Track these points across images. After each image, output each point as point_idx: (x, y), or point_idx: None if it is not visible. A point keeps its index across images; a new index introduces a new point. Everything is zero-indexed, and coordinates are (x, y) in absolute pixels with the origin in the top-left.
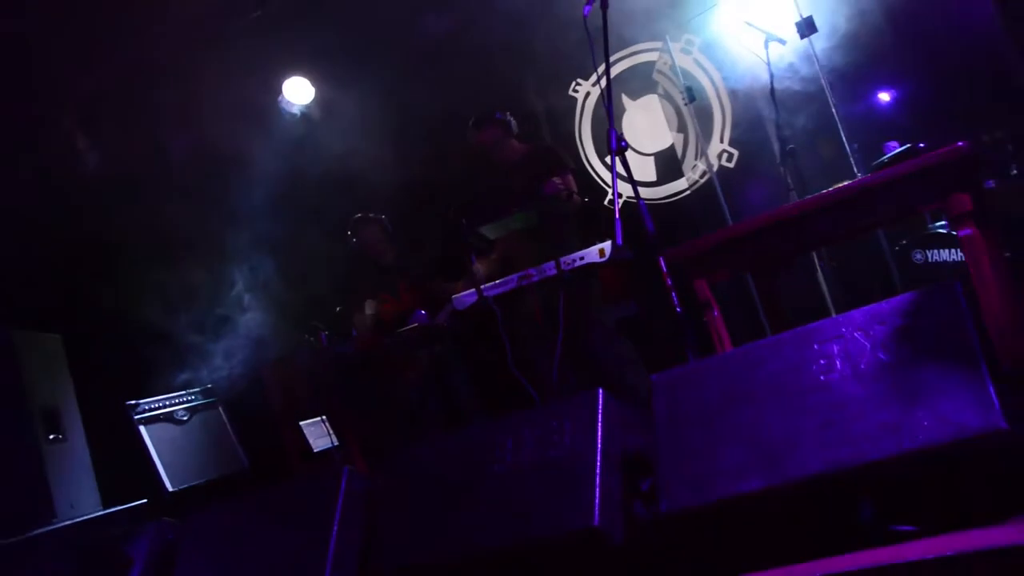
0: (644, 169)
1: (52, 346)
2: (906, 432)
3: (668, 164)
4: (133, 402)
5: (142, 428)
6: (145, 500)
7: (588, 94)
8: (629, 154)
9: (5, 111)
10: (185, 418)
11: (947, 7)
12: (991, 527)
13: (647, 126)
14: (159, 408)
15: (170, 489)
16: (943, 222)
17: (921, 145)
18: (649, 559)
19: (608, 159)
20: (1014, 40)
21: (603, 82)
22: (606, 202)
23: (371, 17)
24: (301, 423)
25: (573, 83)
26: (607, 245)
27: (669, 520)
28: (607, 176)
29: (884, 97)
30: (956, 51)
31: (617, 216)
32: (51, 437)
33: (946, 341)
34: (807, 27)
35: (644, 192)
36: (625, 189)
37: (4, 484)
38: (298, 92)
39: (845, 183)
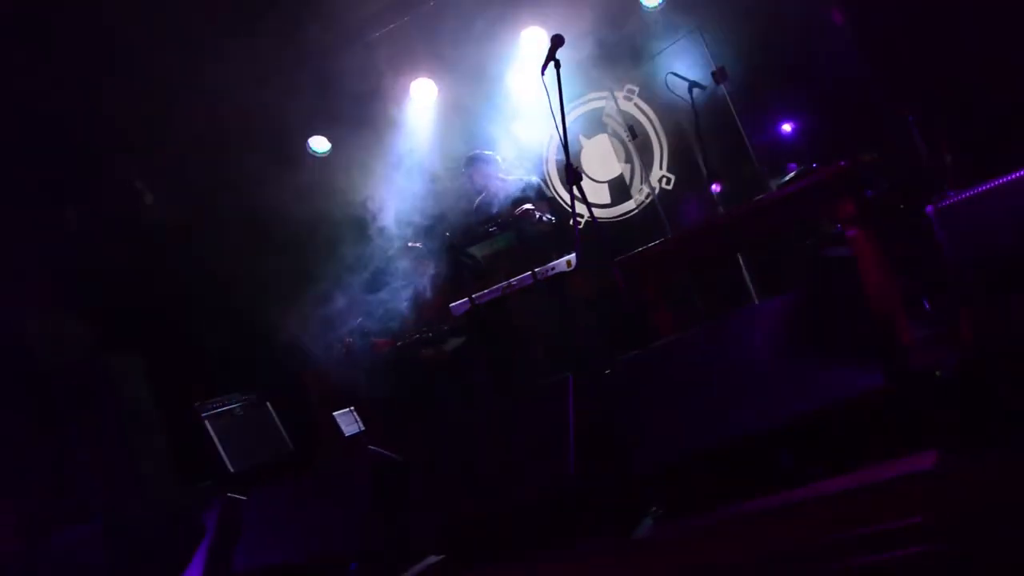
0: (599, 194)
1: (135, 366)
2: (811, 394)
3: (619, 189)
4: (199, 403)
5: (207, 422)
6: (211, 481)
7: (551, 136)
8: (586, 184)
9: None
10: (240, 413)
11: (824, 55)
12: (882, 464)
13: (600, 159)
14: (219, 407)
15: (231, 471)
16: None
17: (815, 165)
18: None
19: (570, 187)
20: (873, 75)
21: (560, 127)
22: (570, 222)
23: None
24: (334, 413)
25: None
26: (572, 257)
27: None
28: (567, 199)
29: (787, 128)
30: (833, 88)
31: (577, 233)
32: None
33: (839, 321)
34: (720, 75)
35: (600, 212)
36: (585, 212)
37: (96, 473)
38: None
39: (759, 197)
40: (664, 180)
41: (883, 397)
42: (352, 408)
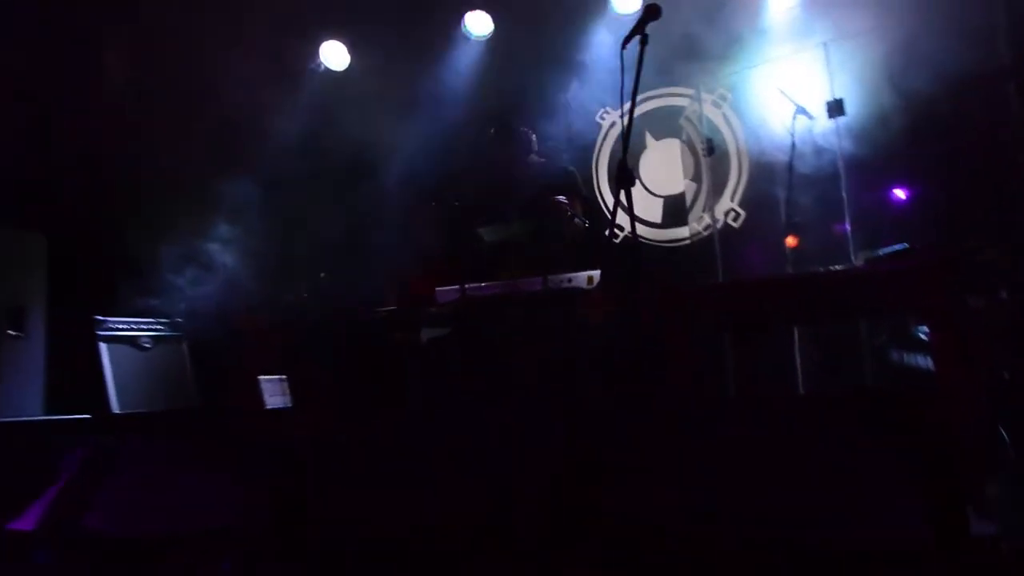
0: (651, 209)
1: (34, 245)
2: (828, 523)
3: (675, 210)
4: (101, 318)
5: (102, 345)
6: (89, 416)
7: (613, 124)
8: (638, 193)
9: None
10: (148, 346)
11: (971, 117)
12: None
13: (663, 168)
14: (124, 329)
15: (115, 411)
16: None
17: (916, 248)
18: None
19: (617, 189)
20: None
21: (627, 116)
22: (606, 232)
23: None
24: (260, 377)
25: (601, 110)
26: (597, 274)
27: None
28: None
29: (899, 194)
30: (973, 160)
31: (610, 248)
32: (11, 332)
33: (891, 451)
34: (836, 109)
35: (645, 231)
36: (629, 225)
37: None
38: (334, 56)
39: (840, 267)
40: (732, 214)
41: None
42: (284, 377)
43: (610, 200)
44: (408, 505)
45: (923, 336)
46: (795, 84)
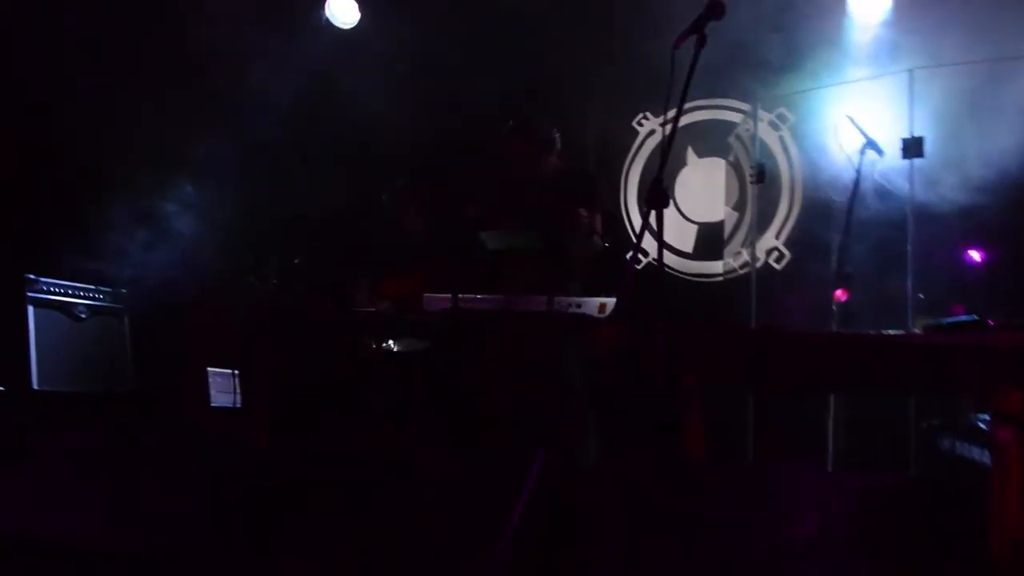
0: (682, 236)
1: None
2: None
3: (710, 240)
4: (33, 276)
5: (30, 309)
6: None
7: (652, 132)
8: (671, 215)
9: None
10: (83, 315)
11: None
12: None
13: (703, 191)
14: (58, 293)
15: (35, 387)
16: (986, 416)
17: (987, 322)
18: None
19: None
20: None
21: (669, 125)
22: (628, 255)
23: None
24: (209, 368)
25: (640, 115)
26: (610, 302)
27: None
28: (639, 226)
29: (975, 256)
30: None
31: (631, 274)
32: None
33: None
34: (914, 148)
35: (673, 261)
36: (655, 251)
37: None
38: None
39: (894, 332)
40: (775, 254)
41: None
42: (235, 372)
43: (637, 220)
44: None
45: (982, 425)
46: (868, 113)
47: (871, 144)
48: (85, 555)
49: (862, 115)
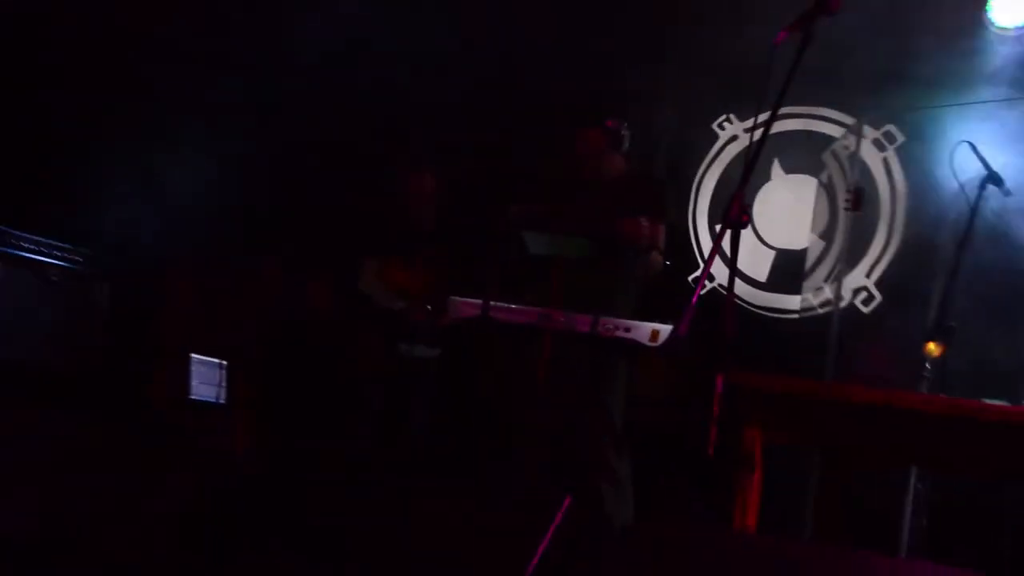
0: (757, 263)
1: None
2: None
3: (789, 270)
4: (3, 228)
5: None
6: None
7: (734, 138)
8: (746, 237)
9: None
10: (55, 278)
11: None
12: None
13: (787, 212)
14: (30, 250)
15: None
16: None
17: None
18: None
19: (719, 227)
20: None
21: (758, 132)
22: (690, 278)
23: None
24: (194, 355)
25: (723, 117)
26: (664, 329)
27: None
28: (707, 245)
29: None
30: None
31: (692, 300)
32: None
33: None
34: None
35: (743, 290)
36: (722, 276)
37: None
38: None
39: (995, 402)
40: (863, 295)
41: None
42: (224, 363)
43: (705, 237)
44: None
45: None
46: (993, 142)
47: (992, 177)
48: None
49: (985, 143)
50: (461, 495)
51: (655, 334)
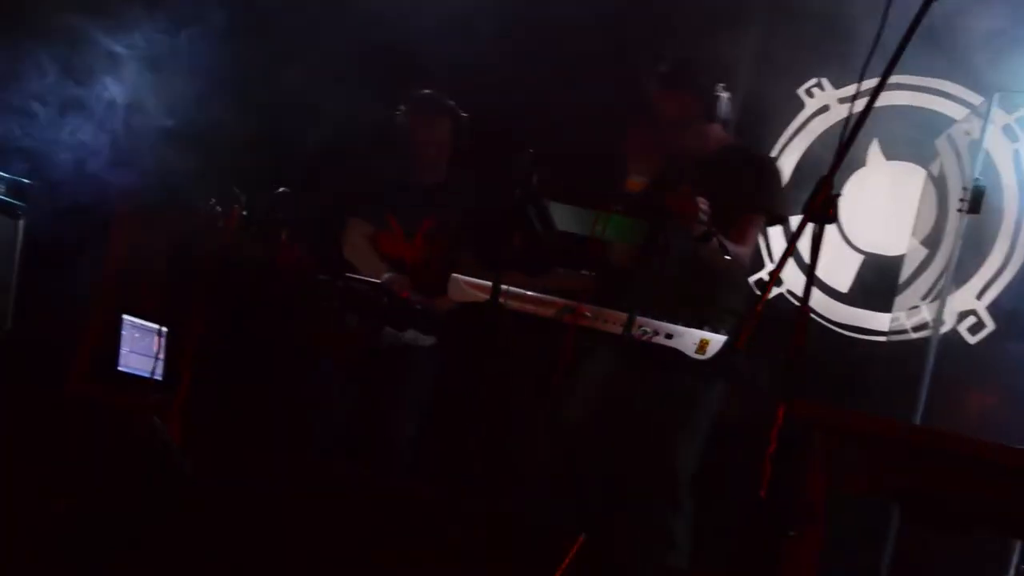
0: (839, 268)
1: None
2: None
3: (879, 280)
4: None
5: None
6: None
7: (825, 108)
8: (829, 236)
9: None
10: None
11: None
12: None
13: (883, 207)
14: None
15: None
16: None
17: None
18: None
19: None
20: None
21: (859, 103)
22: (752, 279)
23: None
24: (126, 316)
25: (812, 82)
26: (716, 339)
27: None
28: (778, 240)
29: None
30: None
31: (757, 309)
32: None
33: None
34: None
35: (820, 301)
36: (793, 280)
37: None
38: None
39: None
40: (970, 320)
41: None
42: (164, 329)
43: (776, 229)
44: None
45: None
46: None
47: None
48: None
49: None
50: (444, 521)
51: (704, 344)
